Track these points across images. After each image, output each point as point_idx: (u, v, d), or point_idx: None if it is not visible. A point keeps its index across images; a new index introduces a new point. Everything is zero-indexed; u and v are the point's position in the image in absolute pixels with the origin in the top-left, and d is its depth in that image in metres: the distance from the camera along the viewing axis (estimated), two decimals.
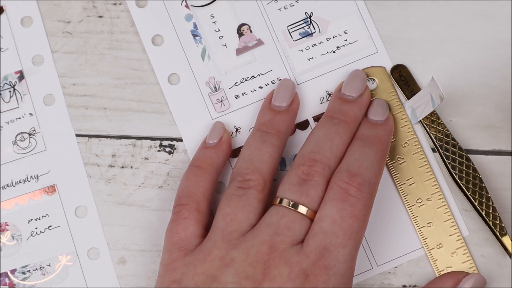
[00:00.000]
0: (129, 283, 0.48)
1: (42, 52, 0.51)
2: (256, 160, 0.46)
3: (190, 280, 0.43)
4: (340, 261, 0.42)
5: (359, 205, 0.43)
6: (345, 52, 0.50)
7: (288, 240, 0.43)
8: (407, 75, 0.49)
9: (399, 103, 0.49)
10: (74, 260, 0.49)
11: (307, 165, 0.44)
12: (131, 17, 0.52)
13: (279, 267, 0.42)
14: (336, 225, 0.42)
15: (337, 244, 0.42)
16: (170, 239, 0.45)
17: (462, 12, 0.50)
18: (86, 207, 0.49)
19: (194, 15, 0.51)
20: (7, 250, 0.49)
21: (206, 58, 0.51)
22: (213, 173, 0.47)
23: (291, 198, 0.44)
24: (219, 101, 0.50)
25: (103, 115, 0.51)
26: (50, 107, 0.51)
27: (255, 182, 0.45)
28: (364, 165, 0.44)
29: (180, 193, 0.46)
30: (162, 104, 0.50)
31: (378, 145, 0.46)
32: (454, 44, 0.50)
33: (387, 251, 0.48)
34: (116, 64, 0.51)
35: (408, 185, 0.48)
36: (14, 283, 0.48)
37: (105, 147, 0.50)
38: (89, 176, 0.50)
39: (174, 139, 0.50)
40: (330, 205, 0.43)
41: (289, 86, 0.49)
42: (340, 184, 0.43)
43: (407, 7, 0.51)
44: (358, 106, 0.47)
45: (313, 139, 0.46)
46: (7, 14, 0.52)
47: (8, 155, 0.50)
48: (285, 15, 0.51)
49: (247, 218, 0.44)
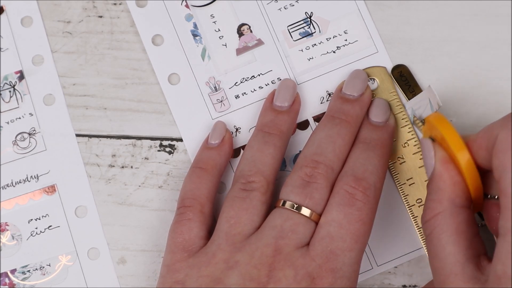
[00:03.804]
0: (129, 283, 0.48)
1: (42, 52, 0.51)
2: (259, 161, 0.46)
3: (194, 282, 0.43)
4: (347, 264, 0.42)
5: (365, 210, 0.43)
6: (345, 52, 0.50)
7: (293, 243, 0.43)
8: (408, 75, 0.49)
9: (400, 103, 0.49)
10: (74, 260, 0.49)
11: (310, 167, 0.44)
12: (131, 17, 0.52)
13: (284, 270, 0.42)
14: (343, 229, 0.43)
15: (344, 248, 0.42)
16: (173, 239, 0.45)
17: (462, 12, 0.50)
18: (86, 207, 0.49)
19: (194, 15, 0.51)
20: (7, 250, 0.49)
21: (206, 58, 0.51)
22: (216, 174, 0.47)
23: (295, 201, 0.44)
24: (219, 101, 0.50)
25: (103, 115, 0.51)
26: (50, 107, 0.51)
27: (258, 184, 0.45)
28: (369, 169, 0.44)
29: (184, 195, 0.46)
30: (162, 104, 0.50)
31: (382, 149, 0.46)
32: (454, 44, 0.50)
33: (387, 251, 0.48)
34: (116, 64, 0.51)
35: (408, 185, 0.48)
36: (14, 283, 0.48)
37: (105, 147, 0.50)
38: (89, 176, 0.50)
39: (174, 139, 0.50)
40: (337, 209, 0.43)
41: (290, 86, 0.49)
42: (346, 188, 0.43)
43: (407, 7, 0.51)
44: (359, 106, 0.47)
45: (315, 140, 0.46)
46: (7, 14, 0.52)
47: (8, 155, 0.50)
48: (285, 15, 0.51)
49: (251, 221, 0.44)
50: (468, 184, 0.41)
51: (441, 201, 0.41)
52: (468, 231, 0.40)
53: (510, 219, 0.36)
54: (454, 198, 0.40)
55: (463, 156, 0.40)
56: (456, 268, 0.39)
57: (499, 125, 0.39)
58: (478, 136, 0.40)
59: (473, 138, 0.41)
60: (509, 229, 0.36)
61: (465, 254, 0.39)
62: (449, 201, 0.40)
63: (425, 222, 0.41)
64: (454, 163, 0.41)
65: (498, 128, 0.39)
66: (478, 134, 0.40)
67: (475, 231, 0.40)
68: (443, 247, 0.40)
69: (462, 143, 0.41)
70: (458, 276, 0.39)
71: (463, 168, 0.40)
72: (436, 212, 0.40)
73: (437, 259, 0.40)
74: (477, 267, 0.39)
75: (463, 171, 0.40)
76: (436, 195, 0.41)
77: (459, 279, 0.38)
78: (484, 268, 0.39)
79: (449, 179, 0.41)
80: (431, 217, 0.41)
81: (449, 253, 0.39)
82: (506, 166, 0.37)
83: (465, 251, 0.39)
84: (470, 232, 0.40)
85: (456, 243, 0.39)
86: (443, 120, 0.42)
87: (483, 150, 0.40)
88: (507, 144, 0.37)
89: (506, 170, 0.37)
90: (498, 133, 0.38)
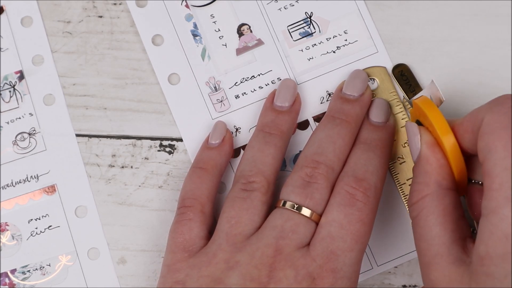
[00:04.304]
0: (129, 283, 0.48)
1: (42, 52, 0.51)
2: (259, 162, 0.46)
3: (195, 282, 0.43)
4: (347, 264, 0.42)
5: (365, 210, 0.43)
6: (345, 52, 0.50)
7: (293, 243, 0.43)
8: (409, 74, 0.49)
9: (400, 103, 0.49)
10: (74, 260, 0.49)
11: (311, 167, 0.44)
12: (131, 17, 0.52)
13: (285, 270, 0.42)
14: (343, 229, 0.43)
15: (344, 248, 0.42)
16: (174, 239, 0.45)
17: (462, 12, 0.50)
18: (86, 207, 0.49)
19: (194, 15, 0.51)
20: (7, 250, 0.49)
21: (206, 58, 0.51)
22: (217, 174, 0.47)
23: (295, 201, 0.44)
24: (219, 101, 0.50)
25: (103, 115, 0.51)
26: (50, 107, 0.51)
27: (259, 184, 0.45)
28: (370, 170, 0.44)
29: (185, 195, 0.46)
30: (162, 104, 0.50)
31: (382, 149, 0.46)
32: (454, 44, 0.50)
33: (387, 251, 0.48)
34: (116, 64, 0.51)
35: (408, 185, 0.48)
36: (14, 283, 0.48)
37: (105, 147, 0.50)
38: (89, 176, 0.50)
39: (174, 139, 0.50)
40: (337, 210, 0.43)
41: (290, 86, 0.49)
42: (347, 189, 0.43)
43: (407, 7, 0.51)
44: (359, 106, 0.47)
45: (316, 141, 0.46)
46: (7, 14, 0.52)
47: (8, 155, 0.50)
48: (285, 15, 0.51)
49: (252, 221, 0.44)
50: (453, 167, 0.41)
51: (428, 184, 0.41)
52: (454, 213, 0.40)
53: (493, 199, 0.36)
54: (441, 180, 0.41)
55: (448, 139, 0.41)
56: (442, 249, 0.39)
57: (484, 109, 0.39)
58: (464, 120, 0.40)
59: (459, 122, 0.41)
60: (492, 209, 0.36)
61: (451, 236, 0.39)
62: (436, 183, 0.41)
63: (411, 205, 0.41)
64: (440, 147, 0.41)
65: (483, 112, 0.39)
66: (464, 118, 0.41)
67: (461, 214, 0.41)
68: (430, 229, 0.40)
69: (447, 127, 0.41)
70: (443, 257, 0.39)
71: (448, 151, 0.41)
72: (423, 194, 0.41)
73: (423, 240, 0.40)
74: (462, 249, 0.39)
75: (448, 154, 0.41)
76: (423, 177, 0.41)
77: (444, 260, 0.39)
78: (469, 250, 0.39)
79: (436, 162, 0.41)
80: (418, 199, 0.41)
81: (436, 234, 0.40)
82: (490, 148, 0.37)
83: (451, 233, 0.39)
84: (456, 214, 0.40)
85: (443, 225, 0.40)
86: (430, 104, 0.42)
87: (469, 133, 0.40)
88: (492, 127, 0.38)
89: (491, 151, 0.37)
90: (484, 116, 0.38)
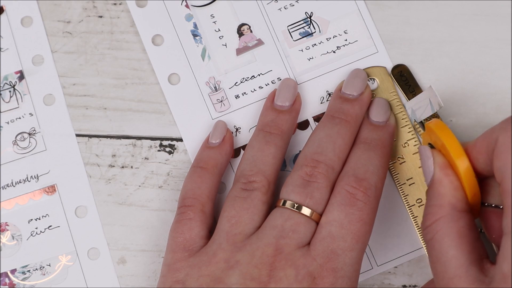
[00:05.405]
0: (129, 283, 0.48)
1: (42, 52, 0.51)
2: (260, 161, 0.46)
3: (195, 281, 0.43)
4: (348, 264, 0.42)
5: (366, 210, 0.43)
6: (345, 52, 0.50)
7: (293, 243, 0.43)
8: (408, 74, 0.49)
9: (400, 103, 0.49)
10: (74, 260, 0.49)
11: (310, 166, 0.44)
12: (131, 17, 0.52)
13: (285, 269, 0.42)
14: (344, 229, 0.43)
15: (345, 247, 0.42)
16: (174, 239, 0.45)
17: (462, 12, 0.50)
18: (86, 207, 0.49)
19: (194, 15, 0.51)
20: (7, 250, 0.49)
21: (206, 58, 0.51)
22: (217, 174, 0.47)
23: (295, 200, 0.44)
24: (219, 101, 0.50)
25: (103, 115, 0.51)
26: (50, 107, 0.51)
27: (259, 184, 0.45)
28: (370, 169, 0.44)
29: (185, 194, 0.46)
30: (162, 104, 0.50)
31: (382, 149, 0.46)
32: (454, 44, 0.50)
33: (387, 251, 0.48)
34: (116, 64, 0.51)
35: (408, 185, 0.48)
36: (14, 283, 0.48)
37: (105, 147, 0.50)
38: (89, 176, 0.50)
39: (174, 139, 0.50)
40: (338, 209, 0.43)
41: (291, 86, 0.49)
42: (347, 188, 0.43)
43: (407, 7, 0.51)
44: (359, 105, 0.47)
45: (316, 140, 0.46)
46: (7, 14, 0.52)
47: (8, 155, 0.50)
48: (285, 15, 0.51)
49: (252, 220, 0.44)
50: (467, 190, 0.41)
51: (442, 206, 0.40)
52: (470, 235, 0.40)
53: None
54: (455, 202, 0.40)
55: (462, 162, 0.40)
56: (459, 271, 0.39)
57: (498, 129, 0.39)
58: (478, 141, 0.40)
59: (472, 144, 0.41)
60: None
61: (468, 258, 0.39)
62: (450, 205, 0.40)
63: (426, 228, 0.41)
64: (453, 169, 0.41)
65: (497, 132, 0.39)
66: (477, 139, 0.40)
67: (476, 235, 0.40)
68: (446, 251, 0.39)
69: (461, 150, 0.41)
70: (462, 278, 0.38)
71: (462, 174, 0.40)
72: (437, 217, 0.40)
73: (440, 263, 0.40)
74: (480, 270, 0.39)
75: (462, 177, 0.40)
76: (437, 200, 0.41)
77: (463, 282, 0.38)
78: (487, 270, 0.39)
79: (449, 184, 0.41)
80: (432, 222, 0.40)
81: (452, 256, 0.39)
82: (508, 167, 0.37)
83: (468, 255, 0.39)
84: (471, 236, 0.40)
85: (459, 247, 0.39)
86: (443, 127, 0.42)
87: (483, 154, 0.40)
88: (507, 146, 0.37)
89: (508, 170, 0.37)
90: (498, 136, 0.38)
